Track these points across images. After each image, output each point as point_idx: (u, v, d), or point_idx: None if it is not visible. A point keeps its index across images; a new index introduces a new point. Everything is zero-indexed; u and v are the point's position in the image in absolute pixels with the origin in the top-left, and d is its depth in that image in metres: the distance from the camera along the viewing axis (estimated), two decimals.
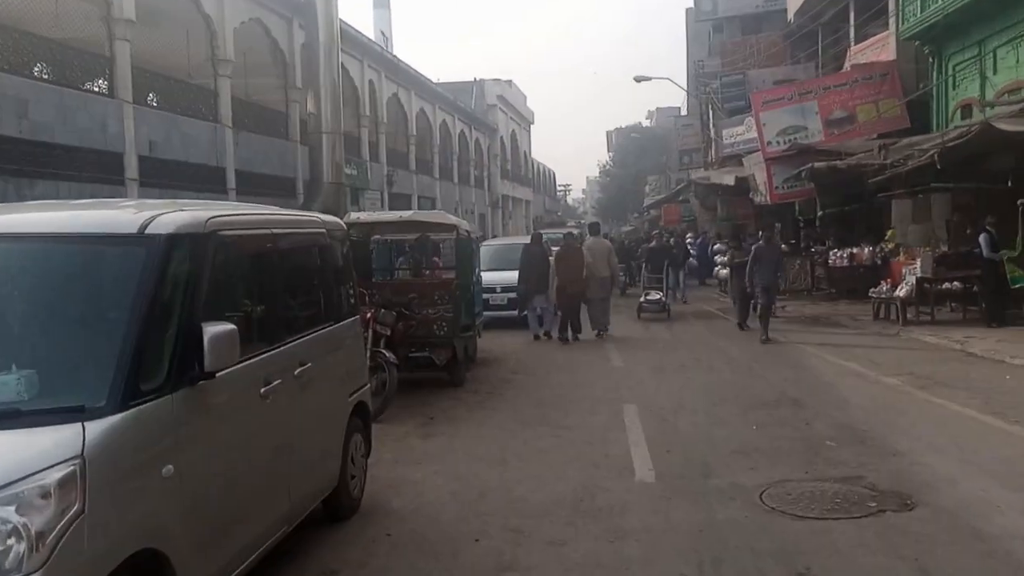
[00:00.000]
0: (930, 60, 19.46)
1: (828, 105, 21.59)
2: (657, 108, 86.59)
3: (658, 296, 18.10)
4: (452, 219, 11.04)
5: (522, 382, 10.61)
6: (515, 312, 16.86)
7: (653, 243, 20.87)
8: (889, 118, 21.00)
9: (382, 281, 11.29)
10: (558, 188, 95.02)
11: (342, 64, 27.94)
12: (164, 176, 18.93)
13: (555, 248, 16.17)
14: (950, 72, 18.82)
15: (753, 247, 15.23)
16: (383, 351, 8.62)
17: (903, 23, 19.32)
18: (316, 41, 24.37)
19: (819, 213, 19.79)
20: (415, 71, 36.92)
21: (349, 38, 29.07)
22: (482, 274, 14.69)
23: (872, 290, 16.50)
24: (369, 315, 8.77)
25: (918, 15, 18.46)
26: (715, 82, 37.96)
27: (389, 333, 8.89)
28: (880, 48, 22.14)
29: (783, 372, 10.82)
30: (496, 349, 13.62)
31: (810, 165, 18.22)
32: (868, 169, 15.90)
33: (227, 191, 21.74)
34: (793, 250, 23.51)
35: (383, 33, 50.89)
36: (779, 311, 19.96)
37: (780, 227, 29.06)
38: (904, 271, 15.63)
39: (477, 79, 53.79)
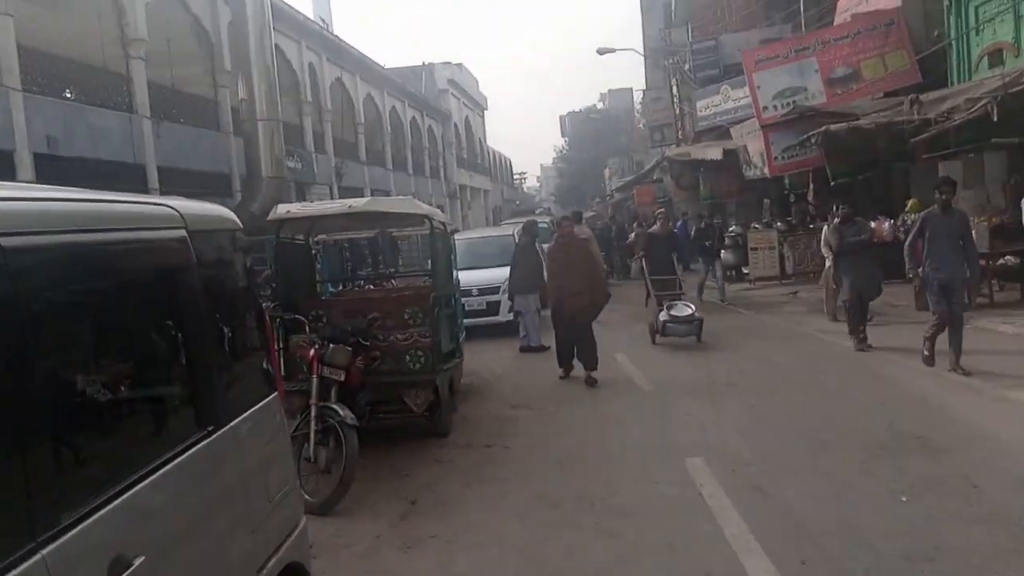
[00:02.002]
0: (946, 3, 17.06)
1: (829, 62, 19.15)
2: (610, 90, 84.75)
3: (689, 311, 11.85)
4: (423, 207, 7.98)
5: (529, 423, 7.90)
6: (496, 318, 14.23)
7: (656, 225, 14.39)
8: (898, 73, 18.61)
9: (331, 298, 8.52)
10: (514, 176, 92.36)
11: (277, 45, 25.03)
12: (69, 176, 15.80)
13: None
14: (972, 15, 16.43)
15: (921, 217, 9.80)
16: (334, 407, 5.90)
17: None
18: (244, 18, 21.45)
19: (831, 183, 17.33)
20: (360, 53, 33.91)
21: (283, 16, 26.09)
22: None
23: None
24: (312, 353, 6.05)
25: None
26: (682, 51, 35.64)
27: (343, 378, 6.15)
28: None
29: (867, 388, 8.26)
30: (481, 368, 10.94)
31: (824, 128, 15.73)
32: (904, 127, 13.44)
33: (148, 191, 18.71)
34: (791, 229, 21.13)
35: (323, 20, 47.74)
36: (792, 297, 17.69)
37: (769, 203, 26.89)
38: None
39: (426, 63, 50.83)
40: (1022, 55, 14.80)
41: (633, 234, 23.54)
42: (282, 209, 6.81)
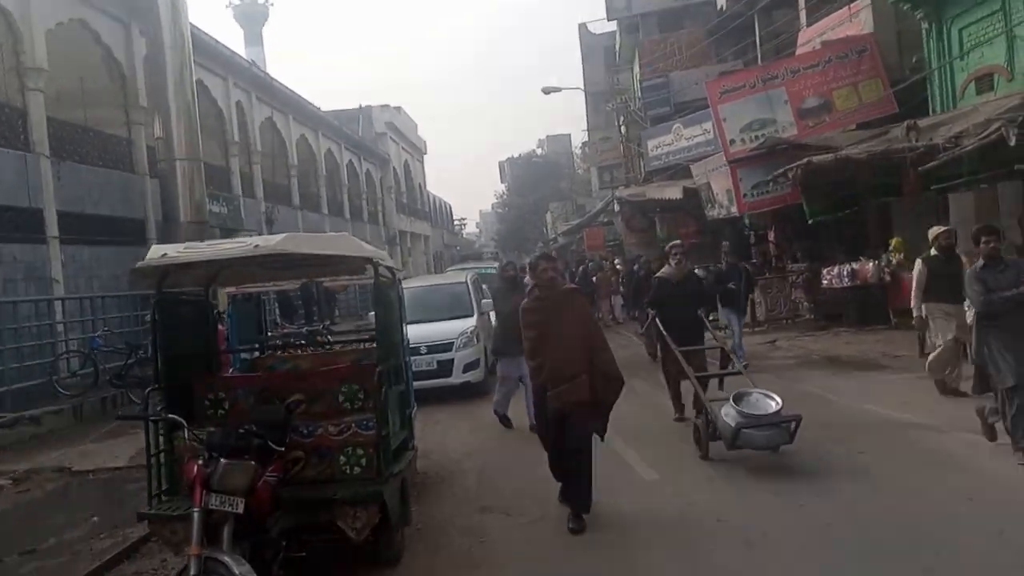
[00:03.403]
0: (925, 27, 15.93)
1: (799, 91, 17.88)
2: (548, 136, 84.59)
3: (774, 404, 7.16)
4: (365, 248, 6.09)
5: (506, 538, 5.83)
6: (448, 380, 12.24)
7: (669, 266, 9.76)
8: (872, 103, 17.44)
9: (239, 374, 6.46)
10: (454, 221, 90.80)
11: (201, 81, 23.04)
12: None
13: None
14: (956, 38, 15.29)
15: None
16: (225, 560, 3.87)
17: None
18: (161, 50, 19.38)
19: (809, 221, 15.90)
20: (292, 92, 31.94)
21: (207, 50, 24.08)
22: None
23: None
24: (195, 472, 4.04)
25: None
26: (628, 92, 34.57)
27: (240, 508, 4.12)
28: (846, 23, 18.64)
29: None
30: (435, 448, 8.93)
31: (805, 160, 14.30)
32: (905, 155, 12.00)
33: (47, 239, 16.41)
34: (757, 270, 19.63)
35: (254, 63, 45.75)
36: (773, 347, 16.08)
37: (728, 245, 25.51)
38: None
39: (363, 105, 49.02)
40: (1016, 79, 13.61)
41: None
42: (156, 252, 4.74)
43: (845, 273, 16.09)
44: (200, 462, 4.14)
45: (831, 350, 14.29)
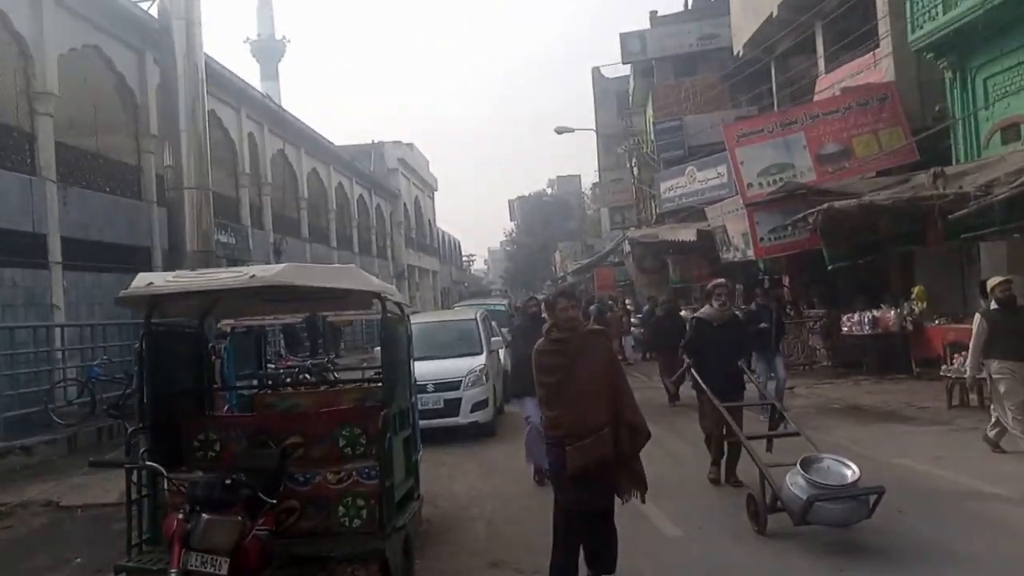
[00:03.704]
0: (949, 76, 15.67)
1: (818, 137, 17.61)
2: (558, 176, 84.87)
3: (851, 473, 6.33)
4: (372, 281, 5.64)
5: None
6: (456, 419, 11.80)
7: (710, 307, 8.45)
8: (893, 151, 17.12)
9: (230, 415, 6.03)
10: (463, 258, 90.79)
11: (214, 111, 22.94)
12: None
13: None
14: (980, 88, 15.02)
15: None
16: None
17: (913, 31, 15.52)
18: (175, 79, 19.25)
19: (829, 267, 15.54)
20: (305, 125, 31.89)
21: (221, 81, 24.01)
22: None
23: (945, 367, 12.12)
24: (173, 527, 3.63)
25: (939, 18, 14.69)
26: (640, 134, 34.45)
27: (224, 571, 3.69)
28: (867, 71, 18.43)
29: None
30: (441, 493, 8.48)
31: (826, 205, 13.97)
32: (933, 203, 11.65)
33: (49, 264, 16.13)
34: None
35: (268, 96, 45.98)
36: (792, 393, 15.60)
37: (741, 289, 25.14)
38: None
39: (376, 141, 49.12)
40: None
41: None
42: (142, 281, 4.35)
43: (866, 320, 15.68)
44: (180, 516, 3.73)
45: (852, 399, 13.82)
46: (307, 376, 16.31)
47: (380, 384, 5.84)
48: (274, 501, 4.11)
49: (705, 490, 7.81)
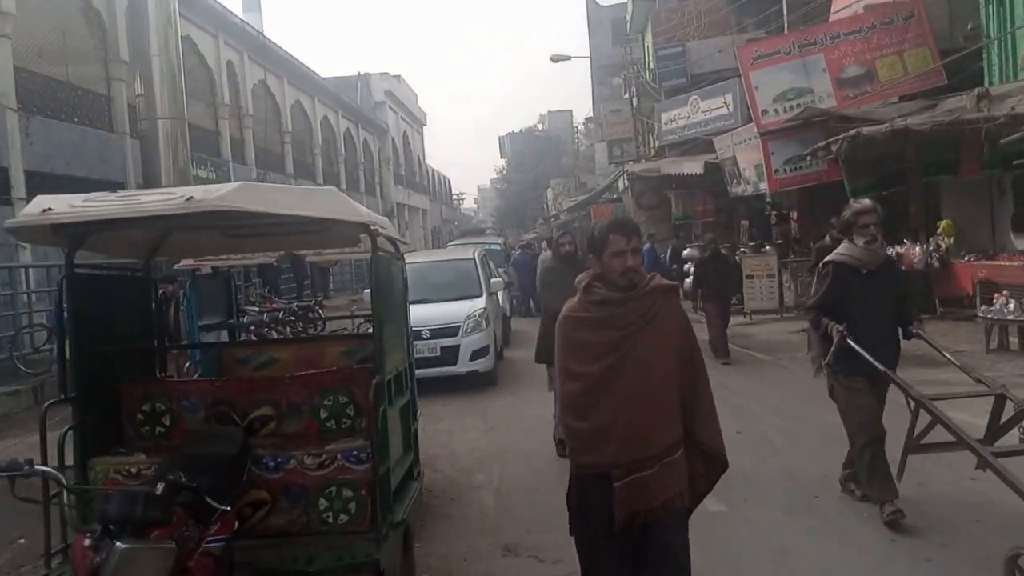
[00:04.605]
0: None
1: (838, 59, 16.37)
2: (549, 111, 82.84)
3: None
4: (362, 211, 4.15)
5: None
6: (453, 368, 10.81)
7: (862, 244, 5.28)
8: (919, 74, 15.92)
9: (182, 380, 4.91)
10: (453, 196, 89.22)
11: (189, 37, 21.48)
12: None
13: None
14: (1020, 5, 13.79)
15: None
16: None
17: None
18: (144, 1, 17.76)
19: (850, 200, 14.43)
20: (288, 53, 30.29)
21: (196, 4, 22.46)
22: None
23: (984, 308, 11.17)
24: (79, 556, 2.61)
25: None
26: (639, 63, 32.94)
27: None
28: None
29: None
30: (441, 454, 7.54)
31: (853, 132, 12.86)
32: (978, 128, 10.56)
33: (12, 200, 14.92)
34: (781, 253, 18.20)
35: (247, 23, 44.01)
36: (805, 335, 14.70)
37: (747, 224, 24.10)
38: None
39: (362, 73, 47.31)
40: None
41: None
42: (38, 206, 3.15)
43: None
44: (87, 542, 2.71)
45: None
46: (292, 320, 15.36)
47: (371, 335, 4.74)
48: (227, 507, 3.09)
49: (744, 454, 6.80)
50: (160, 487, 2.70)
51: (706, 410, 3.43)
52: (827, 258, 5.56)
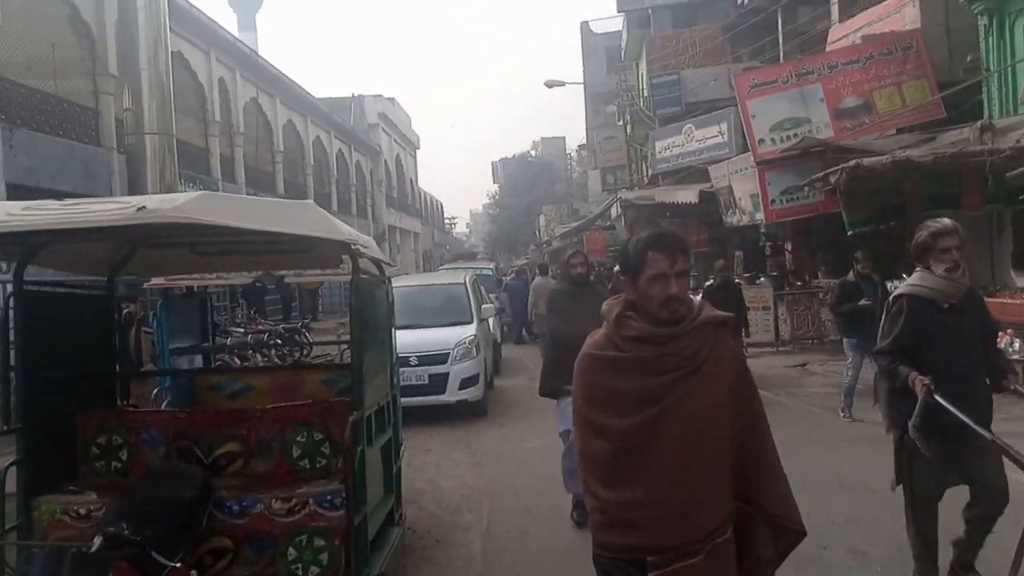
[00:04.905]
0: (984, 23, 14.29)
1: (836, 89, 16.20)
2: (543, 138, 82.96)
3: None
4: (341, 229, 3.76)
5: None
6: (442, 397, 10.43)
7: (941, 273, 4.32)
8: (918, 106, 15.74)
9: (142, 411, 4.49)
10: (445, 220, 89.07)
11: (180, 53, 21.25)
12: None
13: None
14: (1020, 36, 13.67)
15: None
16: None
17: None
18: (134, 10, 17.51)
19: (848, 233, 14.24)
20: (280, 72, 30.07)
21: (188, 19, 22.22)
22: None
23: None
24: None
25: None
26: (633, 91, 32.87)
27: None
28: (890, 17, 16.98)
29: None
30: (425, 488, 7.16)
31: (853, 163, 12.60)
32: (981, 161, 10.33)
33: None
34: (776, 285, 17.94)
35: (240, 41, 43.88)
36: (804, 371, 14.41)
37: (741, 256, 23.88)
38: None
39: (356, 95, 47.16)
40: None
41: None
42: None
43: (891, 290, 14.40)
44: None
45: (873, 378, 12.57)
46: (278, 342, 14.97)
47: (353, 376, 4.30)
48: (177, 564, 2.72)
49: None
50: (97, 542, 2.34)
51: (773, 472, 2.75)
52: (898, 291, 4.56)
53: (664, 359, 2.56)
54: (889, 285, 14.78)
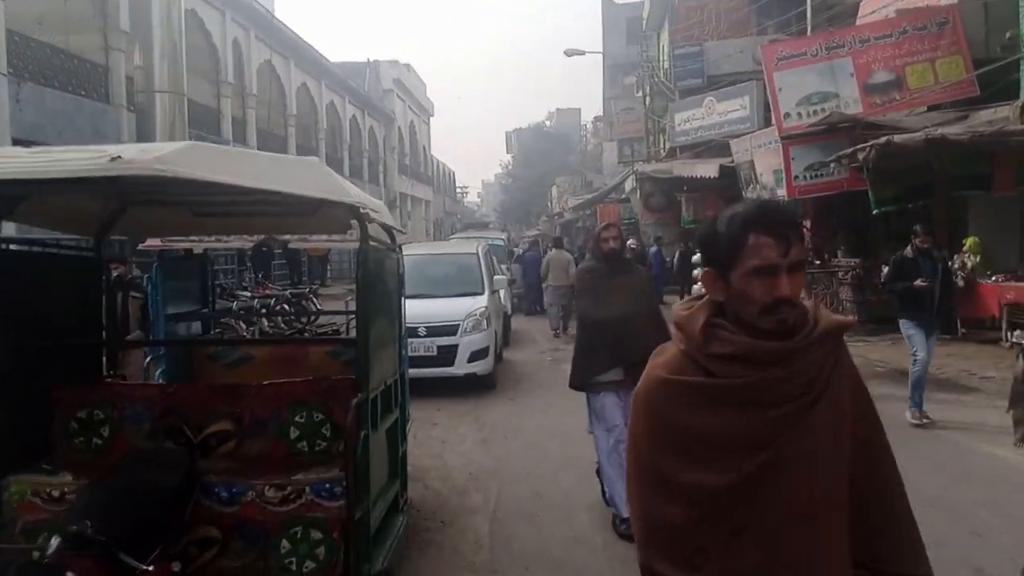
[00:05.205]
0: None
1: (867, 64, 15.68)
2: (558, 109, 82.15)
3: None
4: (349, 190, 3.26)
5: None
6: (450, 369, 10.14)
7: None
8: (950, 84, 15.22)
9: (124, 384, 4.14)
10: (457, 189, 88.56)
11: (194, 11, 20.82)
12: None
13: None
14: None
15: None
16: None
17: None
18: None
19: (874, 212, 13.82)
20: (296, 34, 29.57)
21: None
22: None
23: (1018, 334, 10.54)
24: None
25: None
26: (654, 62, 32.25)
27: None
28: None
29: None
30: (431, 465, 6.88)
31: (884, 140, 12.16)
32: (1020, 140, 9.89)
33: None
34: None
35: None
36: None
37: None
38: None
39: (371, 60, 46.58)
40: None
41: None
42: None
43: None
44: None
45: (896, 361, 12.21)
46: (285, 307, 14.71)
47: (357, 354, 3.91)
48: (150, 568, 2.40)
49: None
50: (54, 543, 2.04)
51: (903, 520, 1.89)
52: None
53: (774, 386, 1.75)
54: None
